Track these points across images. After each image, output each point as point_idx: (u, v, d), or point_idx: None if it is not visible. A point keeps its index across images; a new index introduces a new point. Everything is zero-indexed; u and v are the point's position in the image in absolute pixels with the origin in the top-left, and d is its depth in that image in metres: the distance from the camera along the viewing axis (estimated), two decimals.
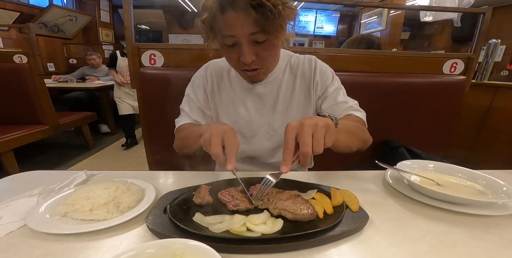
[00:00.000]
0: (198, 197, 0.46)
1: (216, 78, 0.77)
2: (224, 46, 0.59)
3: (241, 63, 0.60)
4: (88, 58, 3.41)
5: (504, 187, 0.51)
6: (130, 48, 1.06)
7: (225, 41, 0.57)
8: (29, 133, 1.91)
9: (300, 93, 0.75)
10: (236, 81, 0.75)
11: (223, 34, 0.56)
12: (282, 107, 0.75)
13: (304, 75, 0.75)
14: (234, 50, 0.58)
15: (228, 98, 0.76)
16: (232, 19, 0.53)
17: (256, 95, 0.75)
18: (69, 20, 4.31)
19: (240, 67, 0.62)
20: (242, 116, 0.75)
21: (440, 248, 0.38)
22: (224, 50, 0.61)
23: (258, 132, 0.76)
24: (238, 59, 0.59)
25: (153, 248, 0.30)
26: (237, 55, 0.58)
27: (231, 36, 0.55)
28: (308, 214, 0.41)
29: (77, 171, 0.59)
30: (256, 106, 0.75)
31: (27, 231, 0.40)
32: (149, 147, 1.09)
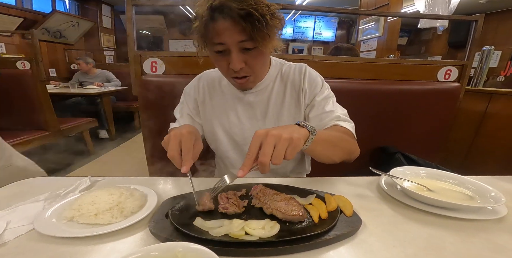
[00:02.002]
0: (201, 204, 0.48)
1: (208, 89, 0.79)
2: (214, 53, 0.61)
3: (230, 71, 0.62)
4: (76, 63, 3.44)
5: (492, 192, 0.53)
6: (132, 55, 1.09)
7: (215, 48, 0.59)
8: (31, 139, 1.92)
9: (290, 102, 0.76)
10: (227, 91, 0.78)
11: (213, 42, 0.58)
12: (272, 115, 0.76)
13: (294, 84, 0.76)
14: (223, 57, 0.61)
15: (220, 107, 0.78)
16: (221, 27, 0.55)
17: (247, 104, 0.76)
18: (71, 26, 4.38)
19: (230, 74, 0.65)
20: (234, 124, 0.77)
21: (429, 251, 0.40)
22: (214, 58, 0.63)
23: (250, 139, 0.77)
24: (228, 67, 0.61)
25: (156, 251, 0.32)
26: (227, 62, 0.60)
27: (221, 44, 0.58)
28: (298, 215, 0.43)
29: (82, 177, 0.61)
30: (248, 115, 0.77)
31: (35, 234, 0.41)
32: (149, 153, 1.10)
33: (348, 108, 0.78)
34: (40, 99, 1.96)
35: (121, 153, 2.87)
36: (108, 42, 5.34)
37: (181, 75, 1.09)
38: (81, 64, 3.35)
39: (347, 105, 0.78)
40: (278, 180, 0.62)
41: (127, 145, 3.15)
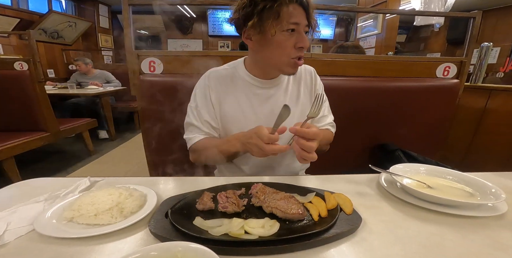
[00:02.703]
0: (201, 203, 0.48)
1: (221, 86, 0.78)
2: (282, 34, 0.65)
3: (294, 51, 0.67)
4: (74, 64, 3.41)
5: (493, 188, 0.53)
6: (130, 55, 1.09)
7: (288, 26, 0.64)
8: (30, 140, 1.92)
9: (303, 100, 0.81)
10: (242, 87, 0.77)
11: (289, 21, 0.63)
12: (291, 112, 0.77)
13: (306, 84, 0.82)
14: (290, 38, 0.65)
15: (235, 105, 0.77)
16: (297, 9, 0.64)
17: (265, 98, 0.77)
18: (68, 26, 4.36)
19: (293, 54, 0.67)
20: (251, 121, 0.76)
21: (430, 248, 0.40)
22: (280, 38, 0.65)
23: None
24: (293, 46, 0.66)
25: (156, 251, 0.32)
26: (293, 42, 0.66)
27: (295, 23, 0.64)
28: (297, 214, 0.43)
29: (81, 178, 0.61)
30: (265, 111, 0.77)
31: (35, 235, 0.41)
32: (149, 153, 1.10)
33: (347, 106, 0.78)
34: (39, 100, 1.95)
35: (121, 153, 2.87)
36: (106, 42, 5.33)
37: (179, 75, 1.08)
38: (80, 65, 3.34)
39: (346, 103, 0.79)
40: (277, 179, 0.62)
41: (127, 145, 3.15)
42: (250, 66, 0.77)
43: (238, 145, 0.66)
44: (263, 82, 0.77)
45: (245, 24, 0.67)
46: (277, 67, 0.72)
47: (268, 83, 0.77)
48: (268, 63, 0.72)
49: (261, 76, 0.77)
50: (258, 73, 0.77)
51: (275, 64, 0.71)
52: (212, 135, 0.78)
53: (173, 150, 0.99)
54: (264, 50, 0.69)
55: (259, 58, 0.73)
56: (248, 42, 0.71)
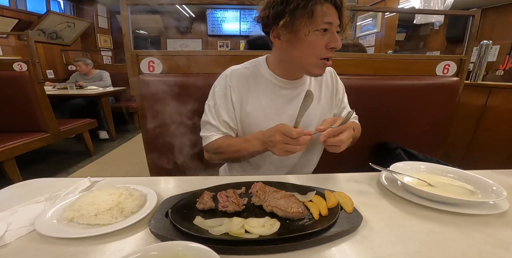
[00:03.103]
0: (201, 202, 0.48)
1: (243, 86, 0.76)
2: (314, 33, 0.64)
3: (325, 51, 0.66)
4: (75, 65, 3.41)
5: (494, 186, 0.53)
6: (129, 55, 1.09)
7: (322, 26, 0.63)
8: (31, 141, 1.92)
9: (324, 101, 0.81)
10: (265, 88, 0.76)
11: (323, 21, 0.62)
12: (309, 112, 0.75)
13: (327, 84, 0.83)
14: (322, 37, 0.64)
15: (257, 105, 0.75)
16: (331, 9, 0.63)
17: (288, 101, 0.76)
18: (67, 26, 4.36)
19: (324, 54, 0.66)
20: (273, 122, 0.73)
21: (431, 247, 0.40)
22: (312, 38, 0.64)
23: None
24: (324, 46, 0.65)
25: (156, 250, 0.32)
26: (325, 42, 0.65)
27: (329, 23, 0.63)
28: (298, 212, 0.43)
29: (81, 178, 0.61)
30: (288, 112, 0.76)
31: (36, 236, 0.41)
32: (149, 153, 1.10)
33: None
34: (39, 101, 1.95)
35: (122, 154, 2.87)
36: (105, 43, 5.32)
37: (179, 75, 1.08)
38: (81, 66, 3.34)
39: None
40: (277, 178, 0.62)
41: (128, 145, 3.15)
42: (274, 66, 0.76)
43: (258, 144, 0.66)
44: (286, 82, 0.76)
45: (275, 23, 0.65)
46: (305, 67, 0.70)
47: (291, 84, 0.76)
48: (297, 63, 0.70)
49: (285, 77, 0.75)
50: (282, 73, 0.75)
51: (303, 65, 0.70)
52: (230, 134, 0.77)
53: (173, 150, 0.99)
54: (293, 50, 0.68)
55: (287, 58, 0.72)
56: (276, 41, 0.70)
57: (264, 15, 0.67)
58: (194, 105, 0.96)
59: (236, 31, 6.04)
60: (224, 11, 5.94)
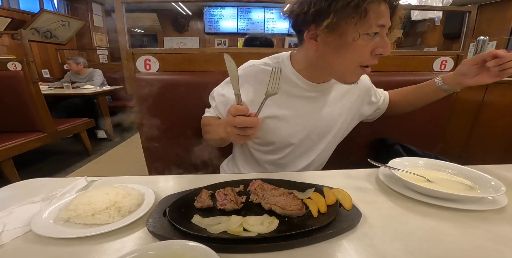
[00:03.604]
0: (199, 201, 0.47)
1: (260, 84, 0.69)
2: (363, 37, 0.55)
3: (370, 57, 0.58)
4: (67, 63, 3.38)
5: (492, 181, 0.53)
6: (125, 53, 1.07)
7: (373, 29, 0.54)
8: (28, 141, 1.90)
9: (347, 102, 0.77)
10: (285, 88, 0.70)
11: (377, 23, 0.54)
12: (329, 111, 0.74)
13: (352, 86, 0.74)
14: (370, 42, 0.56)
15: (273, 105, 0.70)
16: (385, 10, 0.55)
17: (309, 102, 0.72)
18: (61, 25, 4.31)
19: (366, 62, 0.59)
20: (290, 124, 0.72)
21: (431, 243, 0.40)
22: (359, 42, 0.56)
23: (307, 138, 0.76)
24: (369, 52, 0.57)
25: (154, 250, 0.31)
26: (372, 47, 0.57)
27: (382, 26, 0.55)
28: (296, 210, 0.43)
29: (78, 178, 0.60)
30: (308, 114, 0.73)
31: (32, 236, 0.41)
32: (147, 152, 1.10)
33: None
34: (34, 100, 1.93)
35: (120, 153, 2.86)
36: (101, 41, 5.28)
37: (176, 73, 1.07)
38: (71, 65, 3.30)
39: None
40: (276, 175, 0.61)
41: (126, 144, 3.14)
42: (300, 66, 0.68)
43: (221, 130, 0.60)
44: (311, 85, 0.70)
45: (314, 22, 0.56)
46: (341, 74, 0.64)
47: (316, 87, 0.70)
48: (333, 69, 0.63)
49: (311, 79, 0.69)
50: (308, 75, 0.68)
51: (340, 71, 0.63)
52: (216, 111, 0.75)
53: (171, 148, 0.98)
54: (332, 55, 0.60)
55: (321, 62, 0.63)
56: (311, 43, 0.61)
57: (301, 11, 0.57)
58: (191, 103, 0.95)
59: (233, 29, 6.01)
60: (221, 8, 5.90)
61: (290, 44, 6.23)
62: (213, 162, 0.90)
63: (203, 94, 0.91)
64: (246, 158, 0.85)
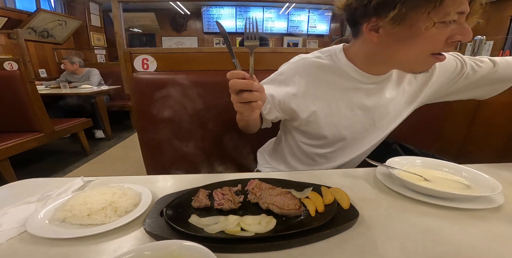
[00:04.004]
0: (196, 201, 0.47)
1: (313, 77, 0.69)
2: (437, 25, 0.51)
3: (445, 45, 0.55)
4: (62, 63, 3.35)
5: (489, 180, 0.53)
6: (122, 53, 1.07)
7: (451, 17, 0.51)
8: (25, 141, 1.89)
9: (407, 90, 0.73)
10: (339, 80, 0.68)
11: (456, 10, 0.51)
12: (386, 103, 0.71)
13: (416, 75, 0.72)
14: (445, 30, 0.53)
15: (328, 98, 0.69)
16: None
17: (366, 95, 0.70)
18: (58, 24, 4.28)
19: (439, 49, 0.56)
20: (345, 117, 0.71)
21: (428, 242, 0.40)
22: (434, 31, 0.52)
23: (360, 134, 0.75)
24: (445, 40, 0.54)
25: (150, 250, 0.31)
26: (447, 35, 0.53)
27: (460, 13, 0.51)
28: (294, 209, 0.43)
29: (74, 178, 0.59)
30: (364, 107, 0.71)
31: (27, 237, 0.40)
32: (145, 151, 1.09)
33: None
34: (31, 100, 1.92)
35: (118, 153, 2.85)
36: (99, 41, 5.25)
37: (174, 72, 1.07)
38: (66, 64, 3.27)
39: None
40: (274, 174, 0.61)
41: (124, 144, 3.13)
42: (357, 59, 0.66)
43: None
44: (370, 77, 0.67)
45: (376, 14, 0.54)
46: (406, 64, 0.61)
47: (375, 79, 0.68)
48: (397, 59, 0.61)
49: (369, 71, 0.66)
50: (366, 67, 0.66)
51: (407, 61, 0.60)
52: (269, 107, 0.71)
53: (169, 148, 0.98)
54: (397, 45, 0.57)
55: (383, 53, 0.61)
56: (371, 35, 0.58)
57: (359, 4, 0.55)
58: (189, 102, 0.95)
59: (232, 29, 6.00)
60: (220, 8, 5.89)
61: (288, 44, 6.23)
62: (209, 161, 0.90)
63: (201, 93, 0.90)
64: (292, 149, 0.82)
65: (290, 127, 0.80)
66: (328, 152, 0.77)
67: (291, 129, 0.81)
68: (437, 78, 0.73)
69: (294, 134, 0.80)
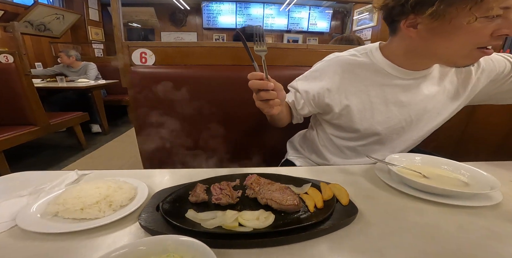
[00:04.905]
0: (193, 195, 0.46)
1: (347, 73, 0.70)
2: (480, 20, 0.51)
3: (491, 38, 0.53)
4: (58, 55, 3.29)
5: (487, 178, 0.53)
6: (120, 46, 1.05)
7: (497, 12, 0.50)
8: (19, 134, 1.87)
9: (449, 88, 0.72)
10: (375, 77, 0.69)
11: (500, 5, 0.49)
12: (426, 100, 0.71)
13: (460, 70, 0.71)
14: (490, 23, 0.52)
15: (363, 95, 0.70)
16: None
17: (402, 91, 0.69)
18: (55, 18, 4.21)
19: (485, 43, 0.55)
20: (380, 113, 0.71)
21: (426, 239, 0.39)
22: (476, 26, 0.52)
23: (397, 127, 0.74)
24: (490, 34, 0.53)
25: (145, 245, 0.30)
26: (492, 28, 0.52)
27: (506, 8, 0.50)
28: (293, 205, 0.42)
29: (68, 171, 0.58)
30: (400, 102, 0.70)
31: (18, 231, 0.39)
32: (142, 146, 1.08)
33: None
34: (26, 93, 1.89)
35: (115, 147, 2.83)
36: (96, 35, 5.18)
37: (172, 66, 1.05)
38: (62, 57, 3.21)
39: None
40: (272, 170, 0.61)
41: (121, 139, 3.10)
42: (394, 56, 0.67)
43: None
44: (407, 73, 0.67)
45: (413, 12, 0.55)
46: (450, 59, 0.61)
47: (414, 74, 0.68)
48: (439, 53, 0.60)
49: (408, 67, 0.66)
50: (405, 63, 0.66)
51: (450, 56, 0.59)
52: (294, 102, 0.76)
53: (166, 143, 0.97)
54: (439, 40, 0.57)
55: (423, 48, 0.61)
56: (410, 31, 0.59)
57: (397, 3, 0.56)
58: (187, 97, 0.94)
59: (232, 24, 5.95)
60: (220, 3, 5.82)
61: (288, 41, 6.19)
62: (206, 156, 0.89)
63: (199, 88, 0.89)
64: (323, 141, 0.84)
65: (321, 121, 0.83)
66: (359, 145, 0.78)
67: (322, 122, 0.83)
68: (481, 79, 0.71)
69: (325, 127, 0.82)
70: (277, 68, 1.03)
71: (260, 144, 1.06)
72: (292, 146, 0.97)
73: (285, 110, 0.75)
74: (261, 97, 0.54)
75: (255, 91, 0.55)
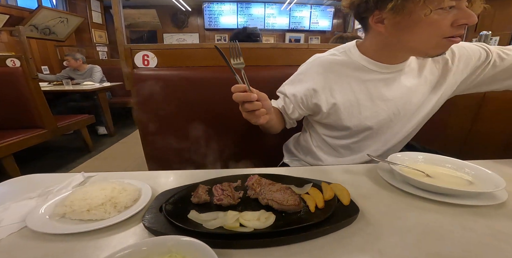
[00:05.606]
0: (196, 196, 0.47)
1: (331, 73, 0.72)
2: (437, 11, 0.54)
3: (452, 29, 0.57)
4: (65, 59, 3.35)
5: (492, 176, 0.52)
6: (122, 49, 1.07)
7: (448, 4, 0.54)
8: (28, 137, 1.91)
9: (430, 80, 0.74)
10: (357, 73, 0.71)
11: None
12: (411, 91, 0.73)
13: (437, 61, 0.73)
14: (447, 16, 0.55)
15: (347, 91, 0.72)
16: None
17: (385, 84, 0.71)
18: (60, 22, 4.28)
19: (448, 33, 0.58)
20: (366, 107, 0.72)
21: (429, 239, 0.39)
22: (435, 17, 0.55)
23: (386, 121, 0.75)
24: (450, 25, 0.56)
25: (148, 246, 0.31)
26: (451, 19, 0.56)
27: None
28: (294, 205, 0.42)
29: (75, 173, 0.60)
30: (384, 97, 0.72)
31: (28, 232, 0.41)
32: (146, 148, 1.10)
33: None
34: (34, 97, 1.93)
35: (120, 149, 2.87)
36: (100, 38, 5.25)
37: (174, 68, 1.06)
38: (69, 61, 3.28)
39: None
40: (273, 170, 0.61)
41: (126, 141, 3.14)
42: (371, 52, 0.70)
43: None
44: (386, 67, 0.70)
45: (377, 8, 0.58)
46: (421, 50, 0.64)
47: (392, 68, 0.70)
48: (409, 46, 0.63)
49: (385, 61, 0.69)
50: (381, 58, 0.69)
51: (419, 47, 0.62)
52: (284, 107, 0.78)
53: (170, 144, 0.98)
54: (405, 33, 0.60)
55: (395, 42, 0.64)
56: (378, 27, 0.62)
57: (361, 1, 0.61)
58: (190, 98, 0.95)
59: (233, 25, 5.96)
60: (221, 4, 5.84)
61: (290, 40, 6.18)
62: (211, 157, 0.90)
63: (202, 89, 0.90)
64: (317, 142, 0.86)
65: (313, 122, 0.84)
66: (352, 142, 0.79)
67: (313, 123, 0.84)
68: (460, 66, 0.73)
69: (317, 127, 0.83)
70: (278, 68, 1.04)
71: (259, 147, 1.06)
72: (287, 149, 0.98)
73: (275, 117, 0.76)
74: (246, 109, 0.56)
75: (240, 103, 0.56)
